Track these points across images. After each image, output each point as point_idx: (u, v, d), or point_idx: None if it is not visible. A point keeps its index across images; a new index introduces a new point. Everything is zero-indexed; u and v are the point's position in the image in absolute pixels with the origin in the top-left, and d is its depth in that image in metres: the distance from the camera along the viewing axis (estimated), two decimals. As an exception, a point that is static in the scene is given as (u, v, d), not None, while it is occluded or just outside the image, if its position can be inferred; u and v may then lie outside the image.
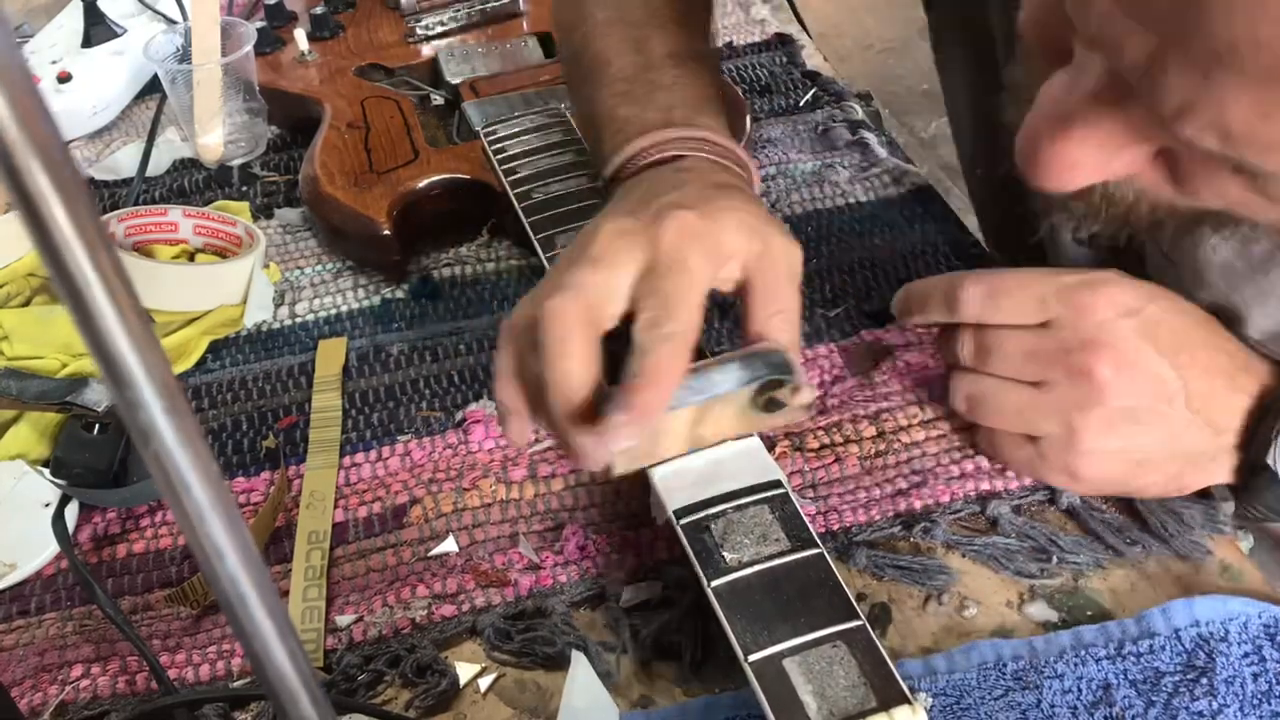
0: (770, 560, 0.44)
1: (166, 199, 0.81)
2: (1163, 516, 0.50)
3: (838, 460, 0.55)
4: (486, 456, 0.58)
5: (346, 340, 0.67)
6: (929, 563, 0.50)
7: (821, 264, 0.68)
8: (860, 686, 0.39)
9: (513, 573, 0.52)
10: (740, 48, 0.91)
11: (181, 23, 0.93)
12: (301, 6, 0.95)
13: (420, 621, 0.51)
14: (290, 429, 0.62)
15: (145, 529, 0.58)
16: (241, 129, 0.85)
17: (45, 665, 0.51)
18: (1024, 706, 0.44)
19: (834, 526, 0.52)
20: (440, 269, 0.72)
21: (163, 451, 0.20)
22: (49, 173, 0.17)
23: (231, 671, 0.50)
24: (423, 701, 0.47)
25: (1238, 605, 0.46)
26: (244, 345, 0.69)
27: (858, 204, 0.73)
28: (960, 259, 0.67)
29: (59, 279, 0.18)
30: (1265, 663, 0.44)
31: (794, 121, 0.81)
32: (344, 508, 0.57)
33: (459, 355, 0.65)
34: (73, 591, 0.55)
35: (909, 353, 0.60)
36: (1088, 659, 0.45)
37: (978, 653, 0.46)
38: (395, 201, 0.70)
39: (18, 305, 0.70)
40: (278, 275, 0.73)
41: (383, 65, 0.87)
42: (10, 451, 0.60)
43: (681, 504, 0.47)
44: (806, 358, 0.61)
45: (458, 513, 0.55)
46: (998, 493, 0.53)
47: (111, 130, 0.92)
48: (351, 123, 0.79)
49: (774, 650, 0.40)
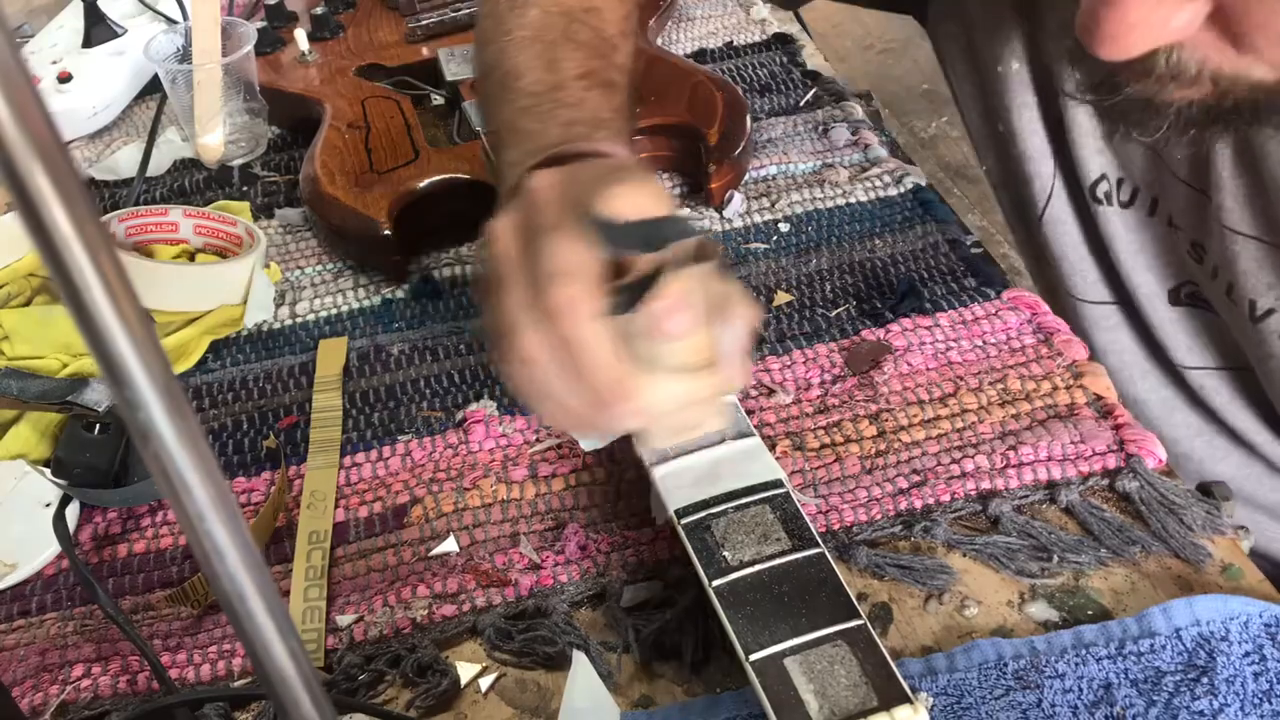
0: (771, 560, 0.44)
1: (167, 199, 0.81)
2: (1163, 516, 0.50)
3: (838, 460, 0.55)
4: (487, 456, 0.58)
5: (347, 340, 0.67)
6: (930, 562, 0.50)
7: (821, 264, 0.68)
8: (861, 686, 0.39)
9: (513, 572, 0.52)
10: (740, 48, 0.91)
11: (182, 23, 0.93)
12: (302, 7, 0.95)
13: (421, 621, 0.51)
14: (291, 429, 0.62)
15: (146, 529, 0.58)
16: (242, 129, 0.85)
17: (46, 665, 0.51)
18: (1025, 706, 0.44)
19: (835, 526, 0.52)
20: (440, 269, 0.72)
21: (163, 451, 0.20)
22: (49, 173, 0.17)
23: (232, 671, 0.50)
24: (423, 701, 0.47)
25: (1238, 604, 0.46)
26: (244, 345, 0.69)
27: (858, 204, 0.73)
28: (960, 259, 0.67)
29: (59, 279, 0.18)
30: (1266, 662, 0.44)
31: (794, 121, 0.81)
32: (345, 507, 0.57)
33: (459, 355, 0.65)
34: (74, 591, 0.55)
35: (909, 353, 0.60)
36: (1088, 658, 0.45)
37: (978, 652, 0.46)
38: (395, 201, 0.70)
39: (18, 305, 0.70)
40: (278, 275, 0.73)
41: (383, 65, 0.87)
42: (11, 451, 0.60)
43: (682, 503, 0.47)
44: (807, 357, 0.61)
45: (458, 512, 0.55)
46: (998, 492, 0.53)
47: (112, 130, 0.92)
48: (352, 123, 0.79)
49: (775, 650, 0.40)
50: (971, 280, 0.65)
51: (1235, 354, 0.66)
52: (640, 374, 0.43)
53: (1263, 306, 0.59)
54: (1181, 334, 0.68)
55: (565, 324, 0.42)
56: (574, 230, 0.43)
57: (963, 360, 0.60)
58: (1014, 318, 0.62)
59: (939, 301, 0.64)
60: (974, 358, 0.60)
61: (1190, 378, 0.69)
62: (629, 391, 0.43)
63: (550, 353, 0.43)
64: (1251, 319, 0.60)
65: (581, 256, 0.43)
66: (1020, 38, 0.65)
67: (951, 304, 0.63)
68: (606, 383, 0.42)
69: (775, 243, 0.71)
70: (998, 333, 0.61)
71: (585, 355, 0.42)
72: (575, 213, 0.44)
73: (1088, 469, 0.53)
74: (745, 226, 0.72)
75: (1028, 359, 0.59)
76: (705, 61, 0.90)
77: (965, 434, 0.55)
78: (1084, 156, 0.65)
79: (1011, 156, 0.70)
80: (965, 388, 0.58)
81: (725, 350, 0.45)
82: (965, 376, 0.59)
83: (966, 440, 0.55)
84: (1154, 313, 0.68)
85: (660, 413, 0.45)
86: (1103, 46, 0.41)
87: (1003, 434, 0.55)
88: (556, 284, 0.42)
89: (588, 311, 0.42)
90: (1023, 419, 0.56)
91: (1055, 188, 0.69)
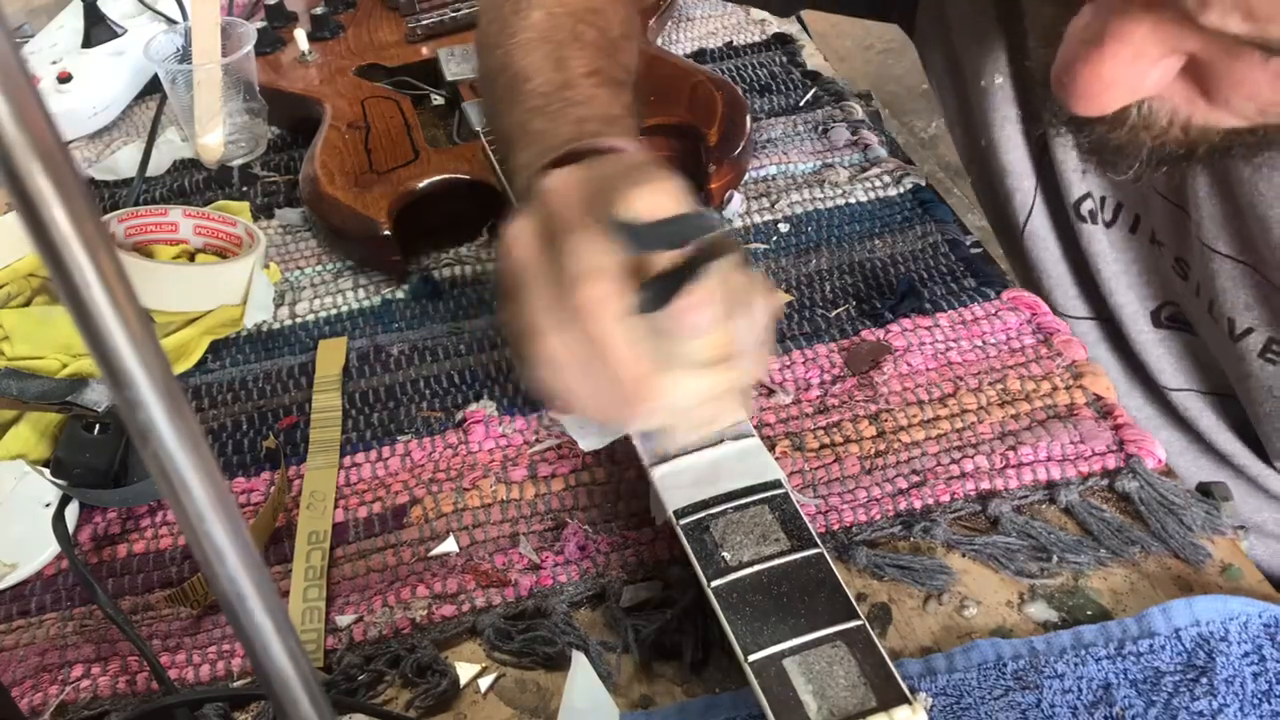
0: (770, 560, 0.44)
1: (167, 199, 0.81)
2: (1162, 517, 0.50)
3: (838, 460, 0.55)
4: (486, 456, 0.58)
5: (347, 340, 0.67)
6: (929, 562, 0.50)
7: (821, 264, 0.68)
8: (860, 686, 0.39)
9: (513, 573, 0.52)
10: (740, 48, 0.91)
11: (182, 23, 0.93)
12: (302, 7, 0.95)
13: (420, 621, 0.51)
14: (290, 429, 0.62)
15: (145, 529, 0.58)
16: (242, 129, 0.85)
17: (46, 665, 0.51)
18: (1024, 706, 0.44)
19: (834, 526, 0.52)
20: (440, 269, 0.72)
21: (163, 451, 0.20)
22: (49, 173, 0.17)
23: (232, 671, 0.50)
24: (423, 701, 0.47)
25: (1238, 605, 0.46)
26: (244, 345, 0.69)
27: (858, 204, 0.73)
28: (960, 259, 0.67)
29: (59, 279, 0.18)
30: (1265, 662, 0.44)
31: (794, 121, 0.81)
32: (344, 508, 0.57)
33: (459, 355, 0.65)
34: (73, 591, 0.55)
35: (909, 353, 0.60)
36: (1088, 659, 0.45)
37: (978, 652, 0.46)
38: (395, 201, 0.70)
39: (18, 305, 0.70)
40: (278, 275, 0.73)
41: (383, 65, 0.87)
42: (10, 451, 0.60)
43: (682, 504, 0.47)
44: (806, 357, 0.61)
45: (458, 513, 0.55)
46: (998, 492, 0.53)
47: (111, 130, 0.92)
48: (352, 123, 0.79)
49: (774, 650, 0.40)
50: (971, 280, 0.65)
51: (1218, 377, 0.66)
52: (663, 371, 0.44)
53: (1241, 325, 0.59)
54: (1165, 356, 0.68)
55: (593, 323, 0.42)
56: (596, 230, 0.43)
57: (962, 360, 0.60)
58: (1014, 318, 0.62)
59: (939, 302, 0.64)
60: (974, 358, 0.60)
61: (1173, 399, 0.69)
62: (654, 389, 0.43)
63: (576, 353, 0.43)
64: (1231, 337, 0.60)
65: (606, 256, 0.43)
66: (1004, 52, 0.65)
67: (951, 304, 0.63)
68: (632, 380, 0.43)
69: (775, 243, 0.71)
70: (997, 333, 0.61)
71: (612, 354, 0.42)
72: (596, 213, 0.44)
73: (1087, 469, 0.53)
74: (745, 226, 0.72)
75: (1027, 359, 0.59)
76: (705, 61, 0.90)
77: (965, 434, 0.56)
78: (1067, 173, 0.65)
79: (993, 171, 0.70)
80: (965, 388, 0.58)
81: (743, 343, 0.45)
82: (965, 377, 0.59)
83: (966, 440, 0.55)
84: (1137, 334, 0.68)
85: (683, 408, 0.46)
86: (1078, 104, 0.41)
87: (1002, 434, 0.55)
88: (583, 284, 0.42)
89: (615, 310, 0.42)
90: (1022, 419, 0.56)
91: (1036, 203, 0.69)
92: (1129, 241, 0.66)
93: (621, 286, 0.43)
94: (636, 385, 0.43)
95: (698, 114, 0.74)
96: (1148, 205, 0.63)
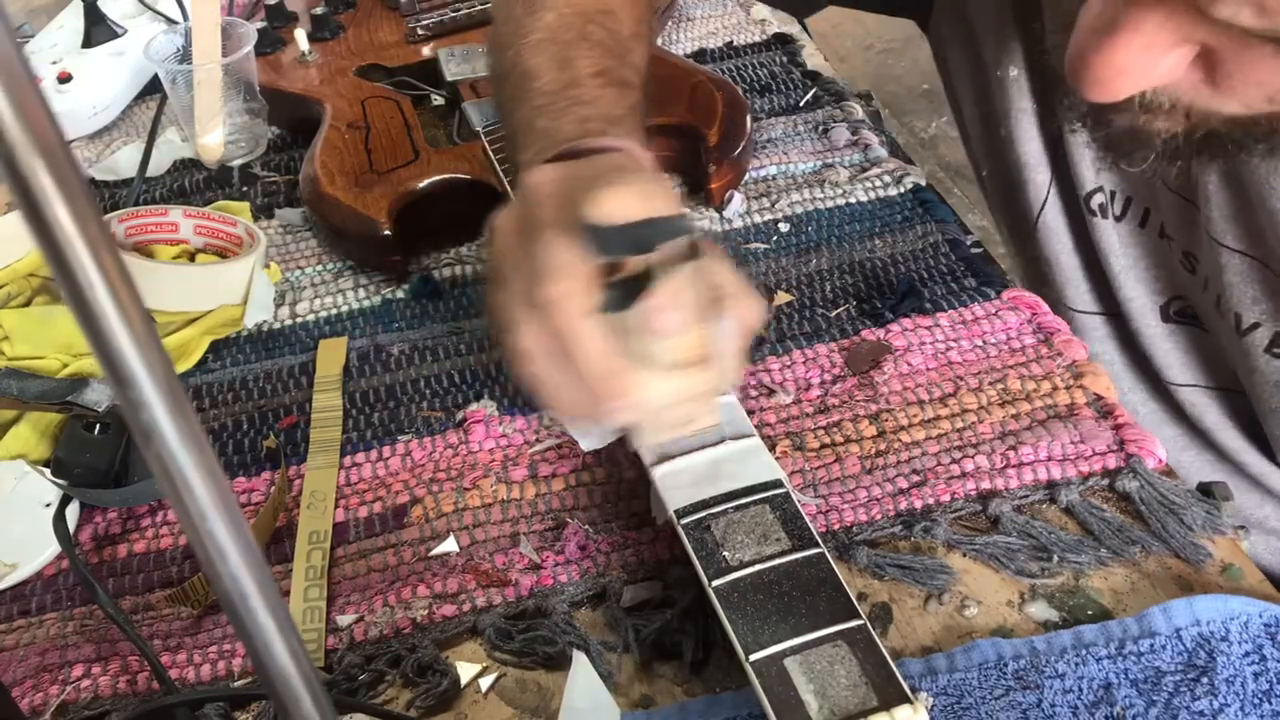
0: (771, 560, 0.44)
1: (167, 199, 0.81)
2: (1163, 516, 0.50)
3: (838, 460, 0.55)
4: (487, 456, 0.58)
5: (347, 340, 0.67)
6: (929, 562, 0.50)
7: (821, 264, 0.68)
8: (861, 686, 0.39)
9: (513, 572, 0.52)
10: (740, 48, 0.91)
11: (182, 23, 0.93)
12: (302, 7, 0.95)
13: (421, 621, 0.51)
14: (291, 429, 0.62)
15: (146, 529, 0.58)
16: (242, 129, 0.85)
17: (46, 665, 0.51)
18: (1025, 706, 0.44)
19: (834, 526, 0.52)
20: (440, 269, 0.72)
21: (165, 451, 0.20)
22: (52, 172, 0.17)
23: (232, 671, 0.50)
24: (424, 701, 0.47)
25: (1238, 604, 0.46)
26: (245, 345, 0.69)
27: (858, 204, 0.73)
28: (960, 259, 0.67)
29: (62, 278, 0.18)
30: (1266, 662, 0.44)
31: (794, 121, 0.81)
32: (345, 507, 0.57)
33: (459, 355, 0.65)
34: (74, 591, 0.55)
35: (909, 353, 0.60)
36: (1088, 658, 0.45)
37: (978, 652, 0.46)
38: (395, 201, 0.70)
39: (18, 305, 0.70)
40: (278, 275, 0.73)
41: (383, 65, 0.87)
42: (11, 451, 0.60)
43: (682, 503, 0.47)
44: (807, 357, 0.61)
45: (458, 512, 0.55)
46: (998, 492, 0.53)
47: (112, 130, 0.92)
48: (352, 123, 0.79)
49: (775, 650, 0.40)
50: (971, 280, 0.65)
51: (1224, 373, 0.66)
52: (634, 369, 0.44)
53: (1248, 320, 0.60)
54: (1172, 351, 0.68)
55: (558, 319, 0.43)
56: (568, 228, 0.44)
57: (963, 360, 0.60)
58: (1014, 318, 0.62)
59: (939, 301, 0.64)
60: (974, 358, 0.60)
61: (1179, 395, 0.69)
62: (622, 386, 0.44)
63: (546, 346, 0.44)
64: (1238, 332, 0.60)
65: (574, 253, 0.43)
66: (1020, 44, 0.66)
67: (951, 304, 0.63)
68: (599, 376, 0.43)
69: (775, 243, 0.71)
70: (998, 333, 0.61)
71: (578, 349, 0.43)
72: (569, 211, 0.44)
73: (1088, 469, 0.53)
74: (745, 226, 0.72)
75: (1028, 359, 0.59)
76: (705, 61, 0.90)
77: (965, 434, 0.56)
78: (1080, 166, 0.65)
79: (1008, 162, 0.70)
80: (965, 388, 0.58)
81: (719, 347, 0.45)
82: (965, 376, 0.59)
83: (966, 440, 0.55)
84: (1145, 328, 0.68)
85: (654, 408, 0.46)
86: (1091, 90, 0.42)
87: (1003, 434, 0.55)
88: (549, 280, 0.43)
89: (580, 307, 0.43)
90: (1023, 419, 0.56)
91: (1050, 195, 0.69)
92: (1138, 236, 0.66)
93: (588, 284, 0.43)
94: (603, 382, 0.44)
95: (698, 114, 0.74)
96: (1157, 199, 0.63)
